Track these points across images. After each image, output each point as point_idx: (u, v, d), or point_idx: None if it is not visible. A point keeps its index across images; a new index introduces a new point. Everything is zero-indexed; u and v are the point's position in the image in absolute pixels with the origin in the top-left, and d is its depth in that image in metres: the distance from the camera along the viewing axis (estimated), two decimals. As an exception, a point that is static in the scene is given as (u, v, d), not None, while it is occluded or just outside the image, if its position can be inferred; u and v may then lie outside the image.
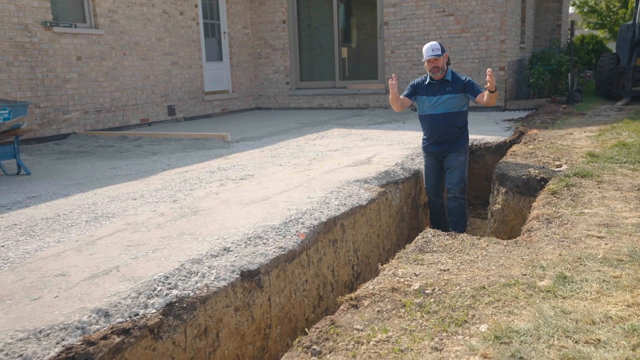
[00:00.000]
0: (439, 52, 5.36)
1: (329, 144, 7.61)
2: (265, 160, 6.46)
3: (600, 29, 26.95)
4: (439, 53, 5.36)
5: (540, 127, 7.98)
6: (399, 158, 6.44)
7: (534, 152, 5.93)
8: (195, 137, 8.25)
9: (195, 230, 3.74)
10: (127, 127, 9.97)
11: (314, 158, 6.54)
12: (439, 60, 5.40)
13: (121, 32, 9.81)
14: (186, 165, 6.24)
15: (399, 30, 11.89)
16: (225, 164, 6.30)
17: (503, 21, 10.99)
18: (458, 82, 5.50)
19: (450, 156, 5.64)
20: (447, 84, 5.51)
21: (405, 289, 2.53)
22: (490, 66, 11.18)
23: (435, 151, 5.72)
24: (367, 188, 5.13)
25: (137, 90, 10.22)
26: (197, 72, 11.72)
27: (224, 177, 5.51)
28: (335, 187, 4.97)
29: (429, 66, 5.45)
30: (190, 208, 4.33)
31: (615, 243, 3.10)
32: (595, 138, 6.68)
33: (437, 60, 5.40)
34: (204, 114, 11.97)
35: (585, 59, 17.26)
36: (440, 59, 5.40)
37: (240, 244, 3.49)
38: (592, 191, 4.24)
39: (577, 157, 5.51)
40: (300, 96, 13.25)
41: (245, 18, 13.20)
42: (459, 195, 5.61)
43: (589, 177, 4.62)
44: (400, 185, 5.76)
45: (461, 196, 5.63)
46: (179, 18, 11.12)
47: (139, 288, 2.74)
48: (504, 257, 2.97)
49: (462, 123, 5.62)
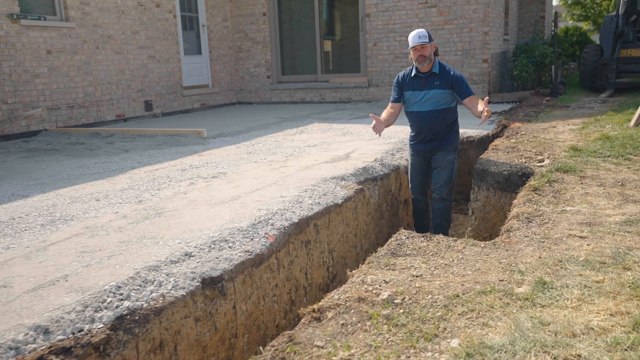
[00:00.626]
0: (426, 39, 4.86)
1: (307, 140, 7.41)
2: (241, 157, 6.24)
3: (584, 21, 26.92)
4: (426, 40, 4.86)
5: (524, 120, 7.83)
6: (379, 153, 6.24)
7: (516, 147, 5.76)
8: (170, 133, 7.99)
9: (157, 234, 3.52)
10: (101, 124, 9.68)
11: (291, 154, 6.33)
12: (426, 48, 4.91)
13: (94, 25, 9.50)
14: (157, 163, 6.01)
15: (381, 22, 11.69)
16: (199, 161, 6.07)
17: (486, 12, 10.83)
18: (446, 76, 5.02)
19: (438, 155, 5.23)
20: (435, 78, 5.04)
21: (374, 298, 2.34)
22: (473, 58, 11.03)
23: (424, 150, 5.31)
24: (343, 185, 4.94)
25: (111, 85, 9.92)
26: (175, 66, 11.43)
27: (195, 176, 5.28)
28: (310, 184, 4.77)
29: (414, 55, 4.95)
30: (155, 209, 4.11)
31: (598, 243, 2.93)
32: (579, 131, 6.53)
33: (424, 48, 4.90)
34: (183, 109, 11.70)
35: (569, 50, 17.19)
36: (427, 47, 4.91)
37: (204, 248, 3.28)
38: (575, 187, 4.08)
39: (559, 151, 5.35)
40: (282, 90, 13.01)
41: (225, 10, 12.91)
42: (446, 197, 5.23)
43: (572, 173, 4.46)
44: (378, 182, 5.57)
45: (448, 198, 5.25)
46: (155, 11, 10.82)
47: (87, 300, 2.52)
48: (480, 260, 2.79)
49: (451, 119, 5.22)
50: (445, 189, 5.22)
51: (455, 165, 5.27)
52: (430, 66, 5.07)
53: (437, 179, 5.26)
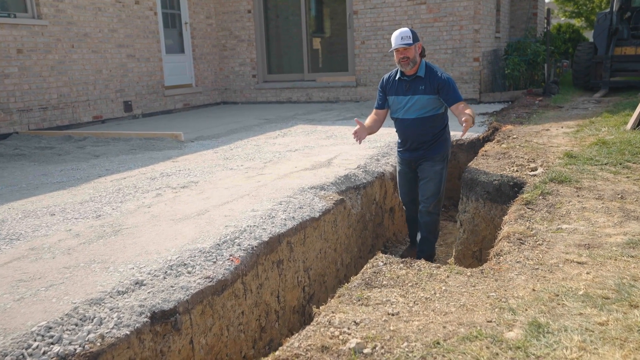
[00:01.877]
0: (410, 41, 4.46)
1: (289, 143, 7.05)
2: (216, 164, 5.88)
3: (577, 18, 26.66)
4: (409, 42, 4.45)
5: (515, 122, 7.51)
6: (363, 159, 5.90)
7: (508, 152, 5.44)
8: (146, 136, 7.62)
9: (109, 257, 3.16)
10: (77, 126, 9.28)
11: (270, 160, 5.97)
12: (409, 50, 4.50)
13: (68, 23, 9.09)
14: (127, 171, 5.63)
15: (369, 19, 11.34)
16: (171, 168, 5.71)
17: (477, 10, 10.50)
18: (433, 79, 4.57)
19: (424, 165, 4.81)
20: (420, 82, 4.61)
21: (339, 347, 2.00)
22: (464, 57, 10.70)
23: (409, 158, 4.91)
24: (322, 196, 4.59)
25: (88, 85, 9.52)
26: (156, 65, 11.03)
27: (164, 185, 4.92)
28: (286, 196, 4.42)
29: (397, 57, 4.57)
30: (112, 226, 3.74)
31: (599, 271, 2.60)
32: (573, 135, 6.22)
33: (407, 50, 4.49)
34: (165, 110, 11.30)
35: (562, 48, 16.88)
36: (410, 49, 4.51)
37: (158, 274, 2.92)
38: (571, 200, 3.75)
39: (553, 158, 5.03)
40: (267, 90, 12.64)
41: (209, 7, 12.52)
42: (433, 210, 4.81)
43: (567, 183, 4.13)
44: (361, 190, 5.23)
45: (435, 211, 4.84)
46: (134, 8, 10.41)
47: (6, 347, 2.16)
48: (466, 293, 2.45)
49: (438, 127, 4.76)
50: (432, 202, 4.81)
51: (443, 176, 4.87)
52: (416, 69, 4.65)
53: (424, 191, 4.87)
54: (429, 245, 5.04)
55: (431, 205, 4.84)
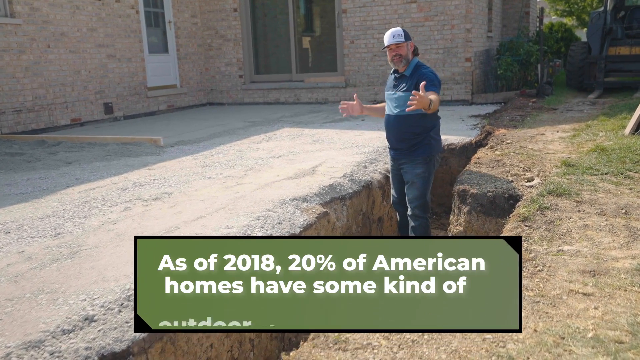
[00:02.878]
0: (401, 39, 4.36)
1: (274, 148, 6.73)
2: (195, 172, 5.55)
3: (568, 16, 26.48)
4: (401, 39, 4.36)
5: (509, 126, 7.22)
6: (349, 166, 5.59)
7: (502, 160, 5.14)
8: (124, 141, 7.27)
9: (60, 286, 2.83)
10: (54, 129, 8.91)
11: (252, 168, 5.65)
12: (402, 47, 4.38)
13: (44, 22, 8.71)
14: (98, 180, 5.29)
15: (359, 18, 11.02)
16: (146, 177, 5.37)
17: (469, 9, 10.21)
18: (416, 77, 4.40)
19: (406, 167, 4.63)
20: (404, 79, 4.48)
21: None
22: (455, 57, 10.41)
23: (393, 156, 4.77)
24: (304, 209, 4.28)
25: (65, 86, 9.14)
26: (138, 65, 10.66)
27: (135, 197, 4.58)
28: (264, 209, 4.10)
29: (389, 55, 4.45)
30: (71, 247, 3.41)
31: (608, 306, 2.30)
32: (570, 140, 5.93)
33: (399, 48, 4.37)
34: (148, 112, 10.94)
35: (555, 47, 16.64)
36: (402, 47, 4.38)
37: (113, 307, 2.60)
38: (571, 217, 3.45)
39: (550, 167, 4.73)
40: (254, 90, 12.30)
41: (194, 6, 12.16)
42: (419, 213, 4.60)
43: (567, 196, 3.84)
44: (347, 201, 4.92)
45: (422, 215, 4.61)
46: (114, 6, 10.04)
47: None
48: (459, 335, 2.14)
49: (419, 128, 4.53)
50: (417, 205, 4.60)
51: (426, 180, 4.61)
52: (406, 67, 4.49)
53: (408, 195, 4.68)
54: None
55: (416, 209, 4.64)
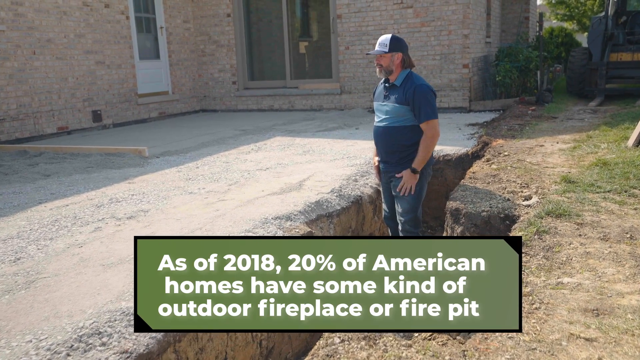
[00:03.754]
0: (385, 49, 4.07)
1: (262, 160, 6.47)
2: (176, 186, 5.29)
3: (568, 21, 26.25)
4: (384, 50, 4.07)
5: (507, 136, 6.96)
6: (339, 180, 5.33)
7: (498, 175, 4.87)
8: (108, 151, 7.01)
9: (7, 324, 2.56)
10: (39, 138, 8.66)
11: (236, 182, 5.39)
12: (383, 58, 4.11)
13: (29, 28, 8.47)
14: (74, 195, 5.03)
15: (354, 24, 10.77)
16: (124, 191, 5.11)
17: (466, 14, 9.96)
18: (407, 89, 4.12)
19: (396, 181, 4.36)
20: (394, 90, 4.21)
21: None
22: (452, 63, 10.15)
23: (383, 169, 4.48)
24: (287, 229, 4.02)
25: (52, 94, 8.89)
26: (128, 72, 10.41)
27: (108, 215, 4.32)
28: (243, 230, 3.84)
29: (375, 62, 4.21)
30: (28, 274, 3.14)
31: (614, 355, 2.03)
32: (570, 152, 5.67)
33: (381, 58, 4.12)
34: (138, 119, 10.68)
35: (555, 52, 16.42)
36: (385, 57, 4.11)
37: (61, 350, 2.33)
38: (572, 242, 3.19)
39: (549, 183, 4.47)
40: (248, 97, 12.05)
41: (186, 11, 11.92)
42: (410, 228, 4.35)
43: (567, 217, 3.57)
44: (335, 219, 4.66)
45: (412, 230, 4.36)
46: (103, 12, 9.80)
47: None
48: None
49: (409, 141, 4.25)
50: (407, 220, 4.34)
51: (417, 193, 4.34)
52: (394, 77, 4.22)
53: (398, 209, 4.42)
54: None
55: (406, 224, 4.38)
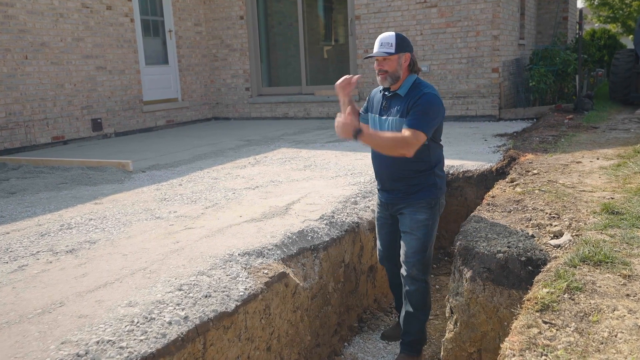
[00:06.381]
0: (391, 49, 3.28)
1: (255, 176, 5.73)
2: (146, 208, 4.58)
3: (612, 23, 24.78)
4: (390, 50, 3.28)
5: (538, 150, 6.04)
6: (333, 203, 4.54)
7: (523, 201, 3.99)
8: (90, 165, 6.38)
9: None
10: (32, 148, 8.13)
11: (216, 204, 4.65)
12: (390, 61, 3.30)
13: (20, 31, 7.96)
14: (24, 219, 4.37)
15: (373, 25, 9.96)
16: (84, 215, 4.42)
17: (496, 13, 9.04)
18: (412, 99, 3.31)
19: (405, 212, 3.53)
20: (397, 101, 3.38)
21: None
22: (480, 67, 9.24)
23: (387, 201, 3.66)
24: (255, 269, 3.24)
25: (46, 101, 8.36)
26: (132, 78, 9.84)
27: (46, 248, 3.63)
28: (197, 272, 3.09)
29: (376, 68, 3.39)
30: None
31: None
32: (613, 171, 4.73)
33: (387, 62, 3.31)
34: (144, 128, 10.10)
35: (597, 55, 15.20)
36: (391, 60, 3.30)
37: None
38: (616, 307, 2.32)
39: (586, 214, 3.57)
40: (262, 104, 11.35)
41: (197, 13, 11.31)
42: (417, 274, 3.50)
43: (609, 266, 2.70)
44: (321, 252, 3.86)
45: (420, 277, 3.52)
46: (105, 14, 9.25)
47: None
48: None
49: (422, 164, 3.45)
50: (415, 263, 3.50)
51: (430, 229, 3.52)
52: (398, 85, 3.39)
53: (404, 248, 3.56)
54: (415, 326, 3.68)
55: (414, 268, 3.52)
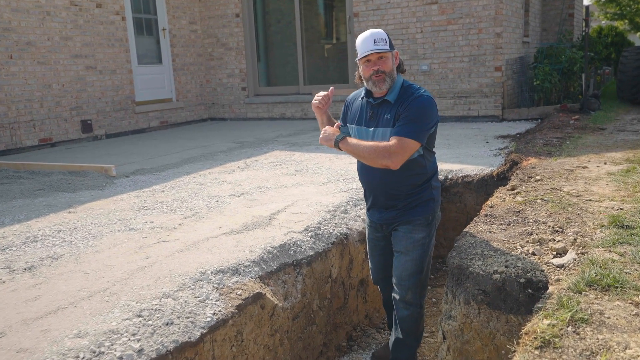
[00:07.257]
0: (386, 45, 2.92)
1: (242, 182, 5.43)
2: (121, 218, 4.30)
3: (619, 20, 24.35)
4: (386, 47, 2.92)
5: (542, 153, 5.72)
6: (322, 212, 4.24)
7: (523, 212, 3.68)
8: (72, 169, 6.10)
9: None
10: (18, 151, 7.87)
11: (196, 213, 4.36)
12: (388, 60, 2.95)
13: (4, 30, 7.69)
14: (-10, 230, 4.10)
15: (372, 23, 9.64)
16: (53, 226, 4.14)
17: (498, 9, 8.71)
18: (402, 104, 2.95)
19: (400, 230, 3.16)
20: (387, 108, 3.01)
21: None
22: (483, 65, 8.91)
23: (379, 221, 3.27)
24: (227, 289, 2.95)
25: (32, 102, 8.10)
26: (124, 77, 9.57)
27: (4, 264, 3.34)
28: (161, 294, 2.79)
29: (367, 70, 2.98)
30: None
31: None
32: (622, 177, 4.41)
33: (384, 61, 2.93)
34: (136, 129, 9.82)
35: (604, 53, 14.81)
36: (388, 58, 2.95)
37: None
38: (629, 344, 2.01)
39: (593, 227, 3.26)
40: (259, 104, 11.06)
41: (192, 11, 11.02)
42: (412, 298, 3.18)
43: (618, 292, 2.38)
44: (305, 268, 3.56)
45: (415, 302, 3.19)
46: (95, 12, 8.98)
47: None
48: None
49: (420, 178, 3.11)
50: (410, 286, 3.15)
51: (426, 248, 3.16)
52: (386, 90, 3.01)
53: (398, 270, 3.19)
54: (405, 353, 3.36)
55: (408, 292, 3.17)
